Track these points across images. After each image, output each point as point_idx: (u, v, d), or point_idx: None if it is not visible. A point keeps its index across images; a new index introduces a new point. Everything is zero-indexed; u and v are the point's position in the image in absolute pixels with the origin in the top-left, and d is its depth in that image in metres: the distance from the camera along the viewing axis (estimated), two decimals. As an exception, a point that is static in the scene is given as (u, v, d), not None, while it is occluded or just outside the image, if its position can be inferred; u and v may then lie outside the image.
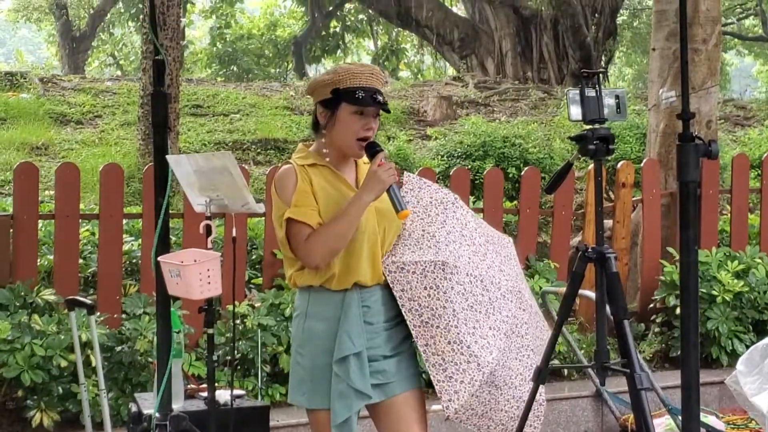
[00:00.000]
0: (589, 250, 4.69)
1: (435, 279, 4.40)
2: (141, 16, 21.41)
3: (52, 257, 6.82)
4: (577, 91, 4.68)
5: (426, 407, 4.49)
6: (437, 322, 4.35)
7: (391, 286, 4.36)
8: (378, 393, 4.31)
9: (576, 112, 4.66)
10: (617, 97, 4.73)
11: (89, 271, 7.12)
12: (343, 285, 4.28)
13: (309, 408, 4.34)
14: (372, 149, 4.29)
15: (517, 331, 4.68)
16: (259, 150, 11.82)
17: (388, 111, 4.36)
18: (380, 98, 4.27)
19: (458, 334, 4.36)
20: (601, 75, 4.79)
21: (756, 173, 10.00)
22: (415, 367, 4.47)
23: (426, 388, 4.61)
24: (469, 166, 9.81)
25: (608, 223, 8.27)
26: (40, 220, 6.86)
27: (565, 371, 7.57)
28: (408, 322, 4.34)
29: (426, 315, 4.36)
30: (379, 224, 4.34)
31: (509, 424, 4.62)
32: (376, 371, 4.31)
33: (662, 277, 8.08)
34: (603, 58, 20.89)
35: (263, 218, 7.33)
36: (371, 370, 4.30)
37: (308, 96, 4.44)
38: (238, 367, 6.66)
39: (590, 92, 4.65)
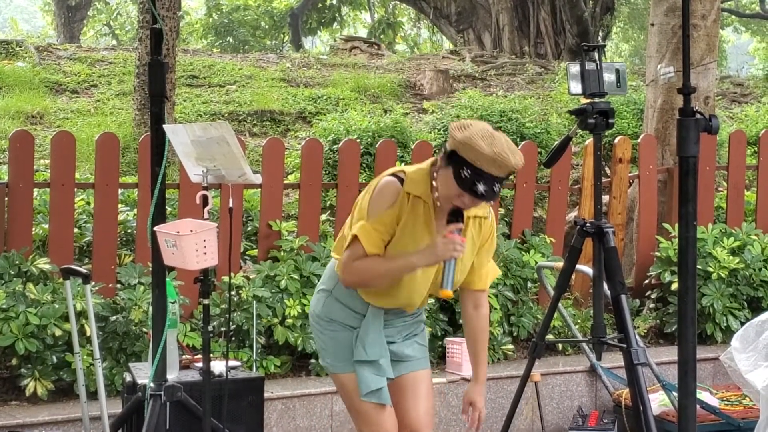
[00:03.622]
0: (587, 224, 4.69)
1: None
2: (137, -14, 21.30)
3: (47, 226, 6.80)
4: (577, 65, 4.67)
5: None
6: None
7: None
8: (395, 370, 4.46)
9: (576, 85, 4.65)
10: (617, 71, 4.73)
11: (84, 240, 7.10)
12: (371, 302, 4.40)
13: (333, 373, 4.49)
14: (452, 216, 4.18)
15: None
16: (255, 121, 11.78)
17: (486, 201, 4.17)
18: (481, 188, 4.04)
19: None
20: (600, 49, 4.78)
21: (753, 150, 9.98)
22: (425, 351, 4.61)
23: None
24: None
25: (605, 198, 8.26)
26: (35, 189, 6.84)
27: (560, 346, 7.57)
28: None
29: None
30: (436, 274, 4.32)
31: None
32: (393, 351, 4.46)
33: (658, 253, 8.07)
34: (600, 33, 20.82)
35: (259, 189, 7.31)
36: (390, 350, 4.44)
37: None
38: (233, 339, 6.66)
39: (590, 66, 4.64)
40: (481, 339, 4.59)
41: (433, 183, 4.21)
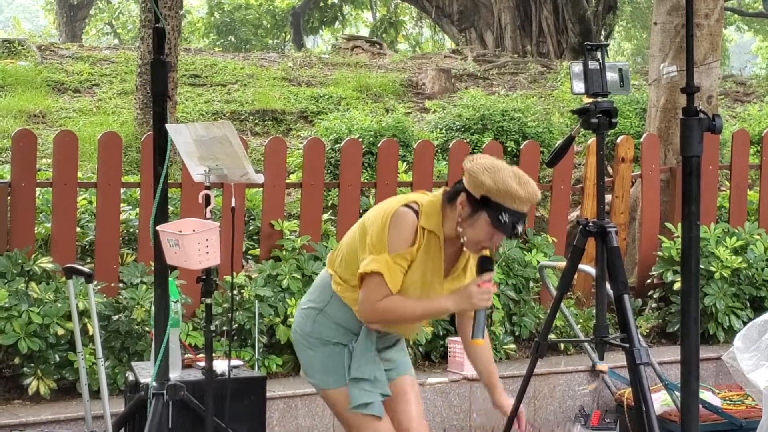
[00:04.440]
0: (590, 224, 4.68)
1: None
2: (139, -15, 21.30)
3: (49, 225, 6.80)
4: (580, 64, 4.66)
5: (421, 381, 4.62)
6: None
7: None
8: (387, 376, 4.43)
9: (578, 85, 4.64)
10: (620, 70, 4.72)
11: (87, 239, 7.10)
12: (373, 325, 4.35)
13: (327, 388, 4.41)
14: (483, 265, 4.23)
15: None
16: (256, 121, 11.78)
17: (519, 238, 4.35)
18: (520, 229, 4.13)
19: None
20: (603, 48, 4.77)
21: (755, 149, 9.97)
22: (407, 355, 4.62)
23: (423, 361, 4.74)
24: (468, 140, 9.77)
25: (607, 198, 8.25)
26: (38, 188, 6.84)
27: (562, 345, 7.57)
28: None
29: None
30: (428, 284, 4.32)
31: None
32: (383, 359, 4.44)
33: (660, 253, 8.06)
34: (603, 32, 20.81)
35: (261, 189, 7.31)
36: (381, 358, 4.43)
37: (465, 174, 4.19)
38: (235, 338, 6.66)
39: (593, 65, 4.63)
40: (488, 355, 4.63)
41: (459, 229, 4.20)
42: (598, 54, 4.67)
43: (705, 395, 6.52)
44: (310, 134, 10.42)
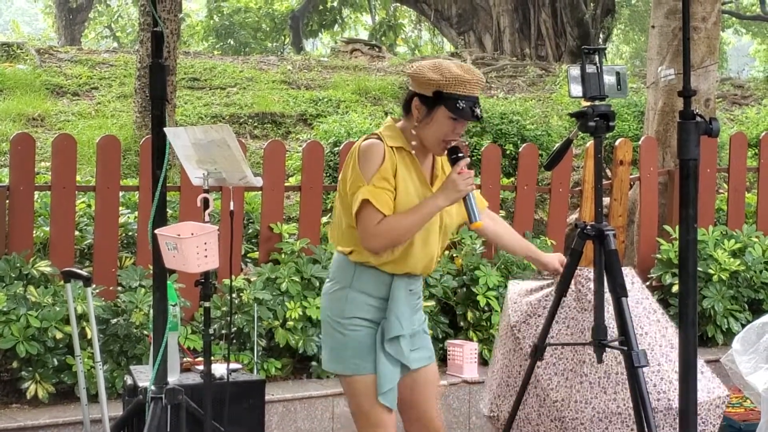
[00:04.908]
0: (588, 227, 4.69)
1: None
2: (138, -12, 21.31)
3: (48, 229, 6.80)
4: (578, 68, 4.66)
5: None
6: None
7: None
8: (414, 362, 4.49)
9: (576, 88, 4.64)
10: (618, 74, 4.72)
11: (85, 243, 7.10)
12: (396, 271, 4.38)
13: (353, 374, 4.42)
14: (454, 155, 4.33)
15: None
16: (256, 124, 11.79)
17: (480, 121, 4.47)
18: (478, 111, 4.30)
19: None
20: (601, 51, 4.78)
21: (753, 152, 9.99)
22: (430, 341, 4.67)
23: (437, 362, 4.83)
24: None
25: (605, 201, 8.26)
26: (36, 192, 6.84)
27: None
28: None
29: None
30: (441, 220, 4.44)
31: None
32: (414, 343, 4.49)
33: (658, 256, 8.07)
34: (601, 35, 20.84)
35: (260, 192, 7.32)
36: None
37: (406, 80, 4.43)
38: (234, 341, 6.66)
39: (591, 69, 4.64)
40: (515, 235, 4.90)
41: (413, 132, 4.36)
42: (596, 57, 4.68)
43: (703, 398, 6.52)
44: (309, 137, 10.43)
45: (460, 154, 4.32)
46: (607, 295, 4.68)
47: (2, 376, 6.33)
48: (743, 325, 7.22)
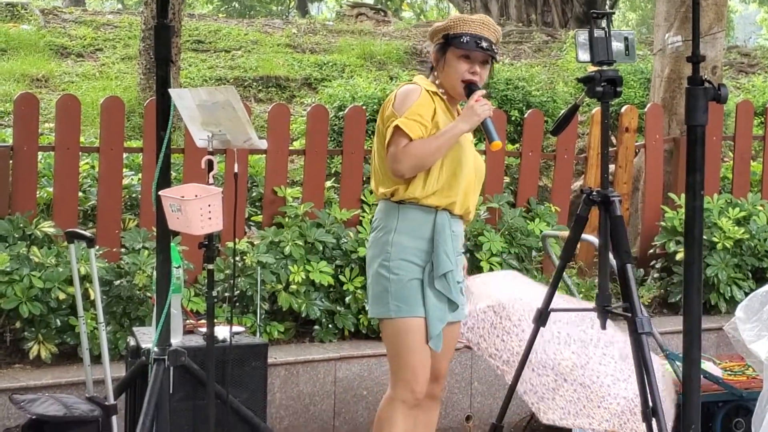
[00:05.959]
0: (594, 192, 4.68)
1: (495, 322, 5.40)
2: (143, -50, 21.21)
3: (51, 189, 6.79)
4: (586, 33, 4.63)
5: None
6: (515, 358, 5.17)
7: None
8: (455, 312, 4.75)
9: (584, 53, 4.62)
10: (626, 39, 4.69)
11: (89, 204, 7.09)
12: (438, 202, 4.59)
13: (396, 317, 4.58)
14: (470, 89, 4.63)
15: (597, 343, 5.43)
16: (260, 87, 11.75)
17: (495, 59, 4.77)
18: (485, 44, 4.63)
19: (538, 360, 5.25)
20: (609, 16, 4.75)
21: (759, 120, 9.95)
22: (464, 299, 4.88)
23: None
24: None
25: (610, 167, 8.22)
26: (40, 152, 6.82)
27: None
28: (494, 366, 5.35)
29: (505, 355, 5.29)
30: (475, 165, 4.78)
31: (613, 420, 5.27)
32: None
33: (663, 223, 8.05)
34: (608, 1, 20.74)
35: (264, 155, 7.29)
36: None
37: (428, 42, 5.00)
38: (237, 304, 6.66)
39: (599, 33, 4.61)
40: None
41: (436, 82, 4.71)
42: (604, 22, 4.65)
43: (706, 365, 6.52)
44: (314, 101, 10.40)
45: (477, 88, 4.62)
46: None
47: (5, 337, 6.33)
48: (747, 294, 7.21)
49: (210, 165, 4.66)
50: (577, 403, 5.26)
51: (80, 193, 6.94)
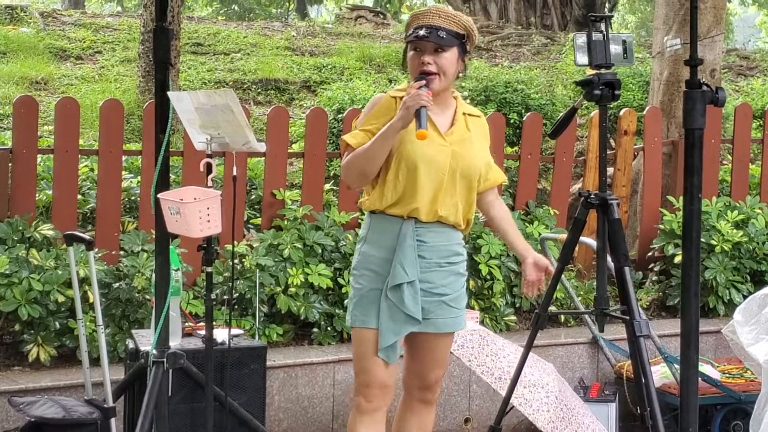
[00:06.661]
0: (592, 196, 4.69)
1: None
2: (142, -48, 21.22)
3: (50, 192, 6.79)
4: (584, 36, 4.65)
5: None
6: (506, 376, 5.39)
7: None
8: (423, 324, 4.51)
9: (582, 56, 4.63)
10: (624, 42, 4.70)
11: (88, 207, 7.10)
12: (400, 211, 4.44)
13: (353, 326, 4.54)
14: (418, 79, 4.40)
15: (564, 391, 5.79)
16: (259, 90, 11.76)
17: (440, 44, 4.43)
18: (422, 32, 4.41)
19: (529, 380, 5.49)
20: (608, 20, 4.76)
21: (758, 123, 9.96)
22: (457, 312, 4.62)
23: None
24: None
25: (609, 171, 8.23)
26: (39, 155, 6.83)
27: (562, 317, 7.57)
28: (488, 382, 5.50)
29: (497, 373, 5.47)
30: (450, 165, 4.48)
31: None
32: (425, 303, 4.49)
33: (661, 226, 8.06)
34: (607, 4, 20.74)
35: (263, 158, 7.30)
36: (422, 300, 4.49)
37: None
38: (236, 307, 6.66)
39: (597, 37, 4.62)
40: (511, 221, 4.82)
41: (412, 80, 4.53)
42: (602, 26, 4.66)
43: (704, 368, 6.54)
44: (313, 104, 10.41)
45: (422, 78, 4.38)
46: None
47: (4, 339, 6.34)
48: (745, 297, 7.21)
49: (209, 168, 4.66)
50: (564, 421, 5.44)
51: (79, 196, 6.94)
